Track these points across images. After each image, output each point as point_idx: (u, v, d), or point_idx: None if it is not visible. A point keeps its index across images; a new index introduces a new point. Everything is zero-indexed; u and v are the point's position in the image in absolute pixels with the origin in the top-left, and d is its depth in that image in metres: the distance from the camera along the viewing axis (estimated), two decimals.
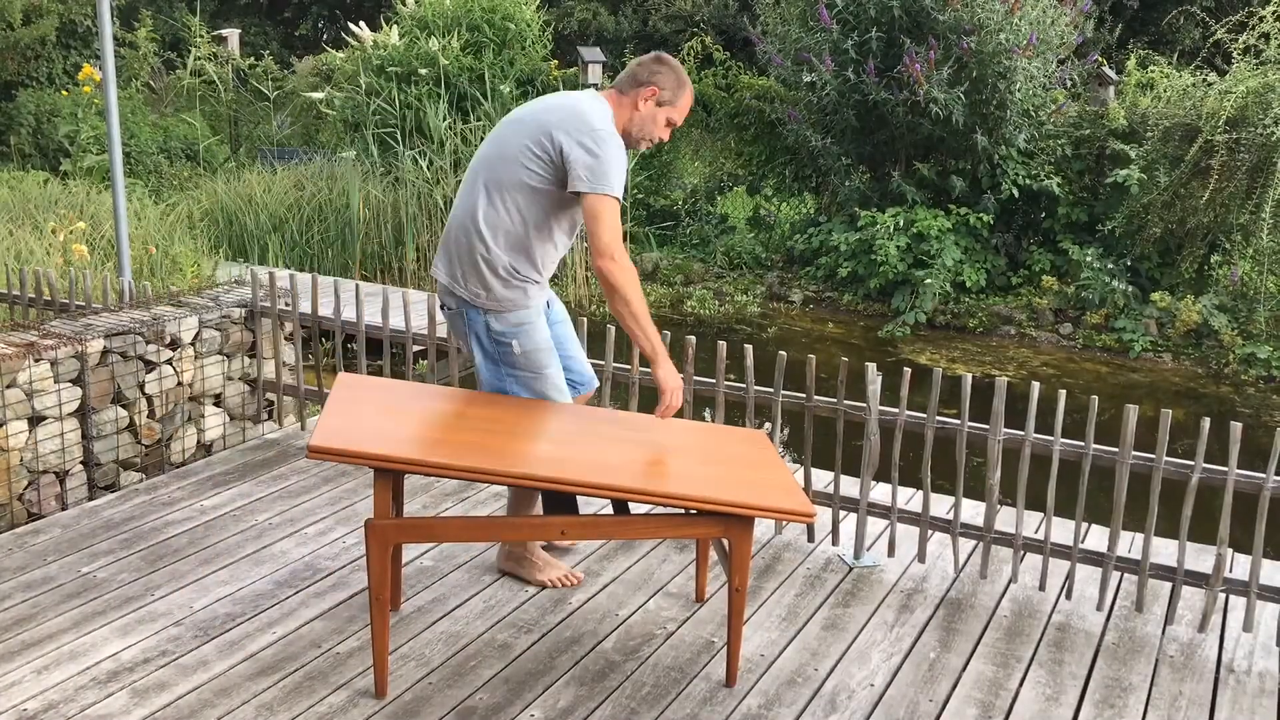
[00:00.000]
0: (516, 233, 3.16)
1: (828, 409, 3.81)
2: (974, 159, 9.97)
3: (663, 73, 3.18)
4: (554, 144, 3.08)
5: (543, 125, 3.10)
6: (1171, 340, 8.86)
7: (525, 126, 3.15)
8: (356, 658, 3.11)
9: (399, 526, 2.85)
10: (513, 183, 3.12)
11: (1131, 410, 3.34)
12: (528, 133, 3.12)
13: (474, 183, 3.22)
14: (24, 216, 8.77)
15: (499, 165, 3.16)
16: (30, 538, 3.81)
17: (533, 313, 3.23)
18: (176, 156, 12.85)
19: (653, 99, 3.17)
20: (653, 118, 3.19)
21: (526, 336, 3.22)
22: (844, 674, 3.13)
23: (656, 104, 3.18)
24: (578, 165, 3.04)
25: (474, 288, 3.19)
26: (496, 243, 3.15)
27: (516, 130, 3.17)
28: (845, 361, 3.75)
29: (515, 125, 3.19)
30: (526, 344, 3.22)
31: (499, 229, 3.15)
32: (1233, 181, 8.79)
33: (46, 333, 4.13)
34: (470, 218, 3.19)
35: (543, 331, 3.26)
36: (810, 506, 2.83)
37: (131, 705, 2.86)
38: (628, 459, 2.94)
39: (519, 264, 3.18)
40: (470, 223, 3.19)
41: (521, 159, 3.12)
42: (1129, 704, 3.04)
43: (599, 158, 3.04)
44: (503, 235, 3.15)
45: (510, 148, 3.15)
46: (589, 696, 2.97)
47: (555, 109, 3.13)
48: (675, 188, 12.67)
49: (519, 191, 3.13)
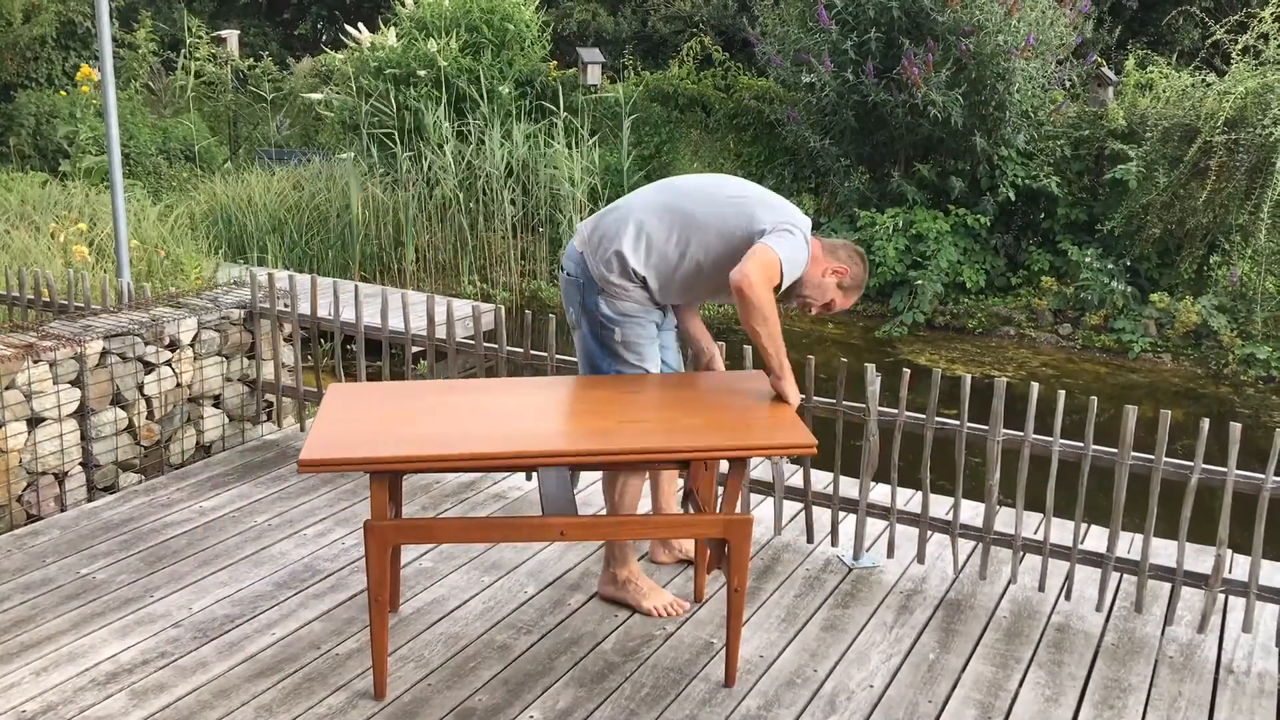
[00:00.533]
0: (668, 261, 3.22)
1: (827, 410, 3.81)
2: (973, 160, 9.97)
3: (858, 264, 3.34)
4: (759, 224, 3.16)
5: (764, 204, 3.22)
6: (1171, 341, 8.86)
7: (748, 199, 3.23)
8: (355, 659, 3.11)
9: (398, 528, 2.85)
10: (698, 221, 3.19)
11: (1131, 411, 3.34)
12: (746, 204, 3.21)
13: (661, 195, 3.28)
14: (22, 218, 8.76)
15: (698, 200, 3.23)
16: (29, 539, 3.81)
17: (642, 308, 3.28)
18: (175, 157, 12.85)
19: (838, 276, 3.32)
20: (824, 290, 3.32)
21: (631, 328, 3.28)
22: (843, 675, 3.13)
23: (838, 285, 3.33)
24: (770, 228, 3.13)
25: (601, 270, 3.23)
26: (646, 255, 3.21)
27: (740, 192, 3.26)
28: (844, 362, 3.75)
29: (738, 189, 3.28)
30: (629, 334, 3.28)
31: (655, 247, 3.21)
32: (1231, 182, 8.79)
33: (45, 334, 4.13)
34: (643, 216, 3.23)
35: (649, 328, 3.32)
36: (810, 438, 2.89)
37: (130, 707, 2.86)
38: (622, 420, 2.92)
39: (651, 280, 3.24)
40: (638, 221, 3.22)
41: (724, 210, 3.20)
42: (1128, 705, 3.04)
43: (788, 233, 3.13)
44: (655, 254, 3.21)
45: (722, 198, 3.23)
46: (588, 698, 2.97)
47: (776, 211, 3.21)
48: None
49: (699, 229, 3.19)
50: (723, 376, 3.39)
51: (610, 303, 3.25)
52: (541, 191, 10.87)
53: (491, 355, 4.38)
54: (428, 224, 10.91)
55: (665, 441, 2.80)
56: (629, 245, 3.21)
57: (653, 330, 3.33)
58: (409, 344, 4.59)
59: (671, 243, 3.20)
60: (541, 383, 3.33)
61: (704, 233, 3.19)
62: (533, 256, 10.94)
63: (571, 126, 11.40)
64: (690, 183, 3.33)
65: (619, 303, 3.25)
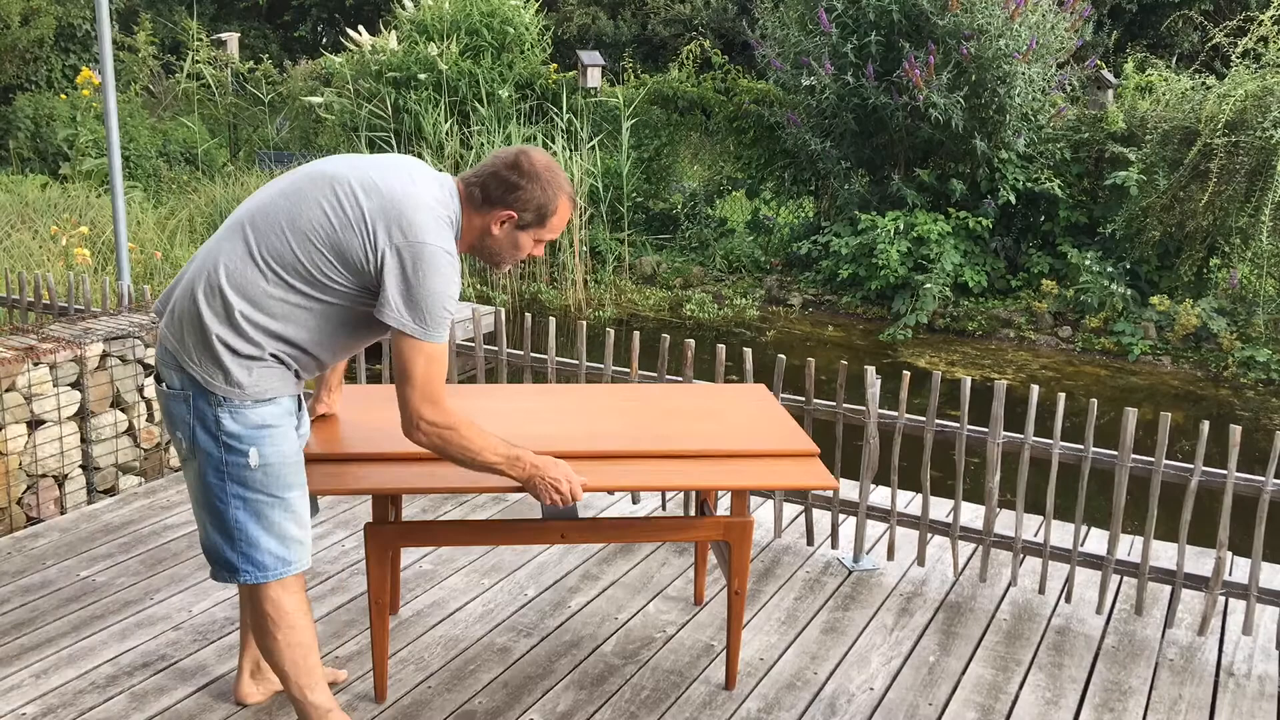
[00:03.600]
0: (277, 306, 2.33)
1: (827, 412, 3.81)
2: (973, 163, 9.98)
3: (525, 189, 2.43)
4: (374, 248, 2.31)
5: (358, 207, 2.32)
6: (1170, 343, 8.86)
7: (335, 196, 2.34)
8: (356, 661, 3.11)
9: (398, 530, 2.84)
10: (294, 265, 2.31)
11: (1131, 413, 3.34)
12: (338, 224, 2.32)
13: (234, 232, 2.37)
14: (22, 220, 8.77)
15: (283, 234, 2.32)
16: (29, 542, 3.81)
17: (281, 411, 2.40)
18: (175, 160, 12.86)
19: (510, 224, 2.46)
20: (514, 242, 2.49)
21: (268, 445, 2.37)
22: (843, 677, 3.13)
23: (516, 228, 2.47)
24: (392, 291, 2.29)
25: (208, 367, 2.32)
26: (244, 310, 2.31)
27: (322, 193, 2.35)
28: (844, 365, 3.75)
29: (321, 185, 2.36)
30: (269, 454, 2.37)
31: (252, 295, 2.31)
32: (1231, 185, 8.80)
33: (45, 336, 4.13)
34: (215, 272, 2.32)
35: (290, 438, 2.42)
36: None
37: (130, 709, 2.86)
38: (624, 426, 2.93)
39: (269, 342, 2.34)
40: (214, 279, 2.32)
41: (320, 246, 2.31)
42: (1129, 707, 3.04)
43: (425, 292, 2.30)
44: (256, 302, 2.32)
45: (307, 225, 2.32)
46: (588, 700, 2.97)
47: (378, 191, 2.34)
48: (674, 191, 12.68)
49: (300, 277, 2.32)
50: (728, 392, 3.39)
51: (235, 414, 2.33)
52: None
53: (491, 358, 4.38)
54: None
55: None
56: (222, 317, 2.31)
57: (295, 440, 2.44)
58: None
59: (267, 280, 2.31)
60: (540, 389, 3.33)
61: (313, 280, 2.32)
62: (532, 259, 10.95)
63: (571, 129, 11.41)
64: (267, 203, 2.37)
65: (247, 412, 2.34)
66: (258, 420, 2.35)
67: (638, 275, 11.11)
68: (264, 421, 2.36)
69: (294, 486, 2.43)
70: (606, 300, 10.40)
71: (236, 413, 2.33)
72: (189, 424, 2.36)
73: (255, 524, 2.40)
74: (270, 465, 2.37)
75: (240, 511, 2.39)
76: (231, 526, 2.40)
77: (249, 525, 2.40)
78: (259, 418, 2.35)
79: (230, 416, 2.33)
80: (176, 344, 2.35)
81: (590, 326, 9.52)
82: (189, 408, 2.35)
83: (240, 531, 2.39)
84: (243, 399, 2.33)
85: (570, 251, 10.53)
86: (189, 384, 2.34)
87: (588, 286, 10.64)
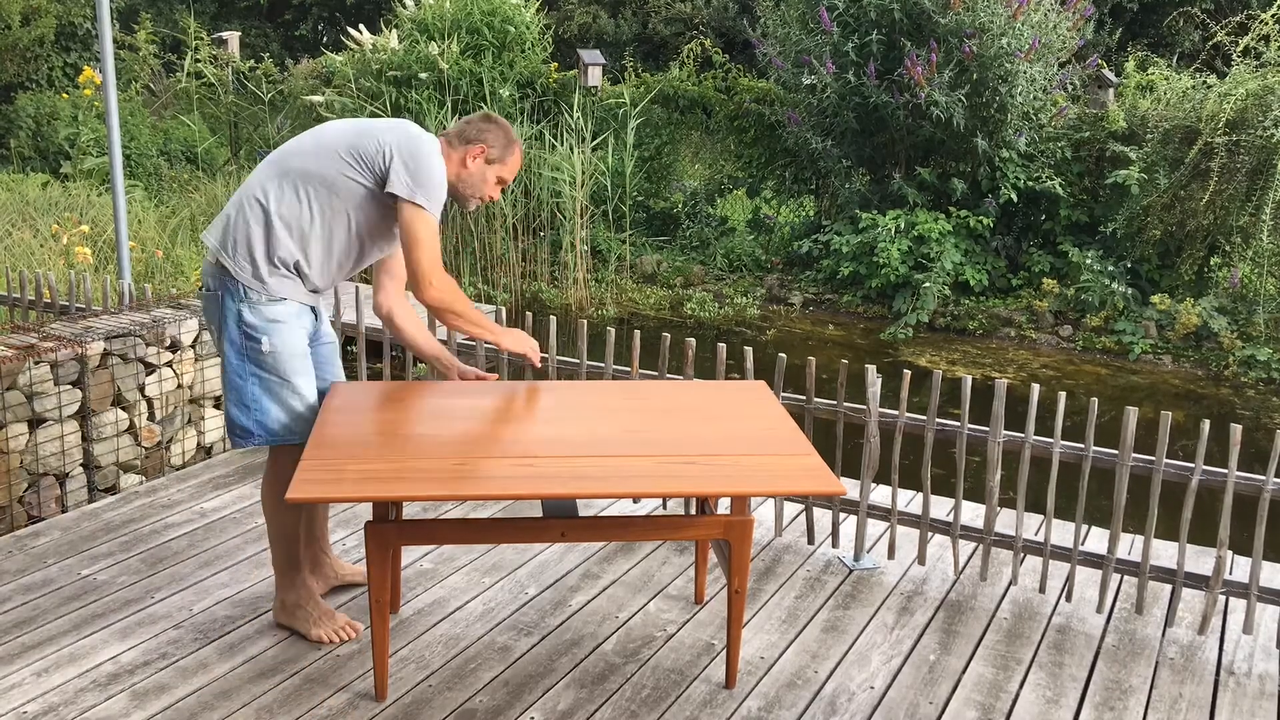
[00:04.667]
0: (303, 225, 2.98)
1: (828, 411, 3.81)
2: (974, 162, 9.98)
3: (491, 131, 3.09)
4: (381, 146, 2.96)
5: (373, 131, 3.00)
6: (1171, 342, 8.86)
7: (352, 129, 3.02)
8: (356, 660, 3.11)
9: (399, 529, 2.85)
10: (320, 175, 2.97)
11: (1131, 412, 3.34)
12: (354, 133, 3.00)
13: (269, 166, 3.03)
14: (23, 219, 8.77)
15: (309, 156, 2.99)
16: (30, 540, 3.81)
17: (290, 311, 3.02)
18: (176, 159, 12.86)
19: (481, 157, 3.09)
20: (482, 176, 3.11)
21: (279, 336, 3.00)
22: (844, 676, 3.13)
23: (486, 161, 3.10)
24: (400, 171, 2.94)
25: (241, 261, 2.96)
26: (279, 226, 2.96)
27: (341, 131, 3.03)
28: (845, 364, 3.75)
29: (340, 127, 3.05)
30: (278, 343, 3.00)
31: (285, 215, 2.97)
32: (1232, 184, 8.79)
33: (47, 335, 4.14)
34: (258, 193, 2.99)
35: (298, 337, 3.05)
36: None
37: (131, 708, 2.86)
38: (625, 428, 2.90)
39: (292, 255, 2.99)
40: (259, 198, 2.98)
41: (339, 151, 2.97)
42: (1129, 706, 3.04)
43: (423, 171, 2.95)
44: (288, 222, 2.97)
45: (329, 141, 3.00)
46: (589, 699, 2.97)
47: (389, 126, 3.02)
48: (675, 190, 12.67)
49: (323, 184, 2.97)
50: (727, 390, 3.38)
51: (254, 309, 2.97)
52: (542, 193, 10.88)
53: (492, 357, 4.38)
54: None
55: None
56: (260, 230, 2.96)
57: (303, 339, 3.08)
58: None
59: (306, 209, 2.97)
60: (540, 387, 3.33)
61: (333, 183, 2.97)
62: (533, 258, 10.95)
63: (573, 128, 11.41)
64: (295, 141, 3.07)
65: (265, 308, 2.98)
66: (271, 315, 2.98)
67: (638, 274, 11.11)
68: (275, 317, 2.99)
69: (299, 374, 3.05)
70: (607, 299, 10.40)
71: (254, 308, 2.97)
72: (220, 317, 3.01)
73: (267, 398, 3.03)
74: (279, 353, 3.00)
75: (256, 388, 3.02)
76: (249, 399, 3.03)
77: (262, 399, 3.03)
78: (272, 314, 2.99)
79: (250, 310, 2.97)
80: (218, 245, 3.00)
81: (591, 325, 9.53)
82: (219, 306, 3.00)
83: (255, 404, 3.03)
84: (259, 296, 2.97)
85: (571, 251, 10.53)
86: (221, 282, 2.98)
87: (588, 285, 10.64)
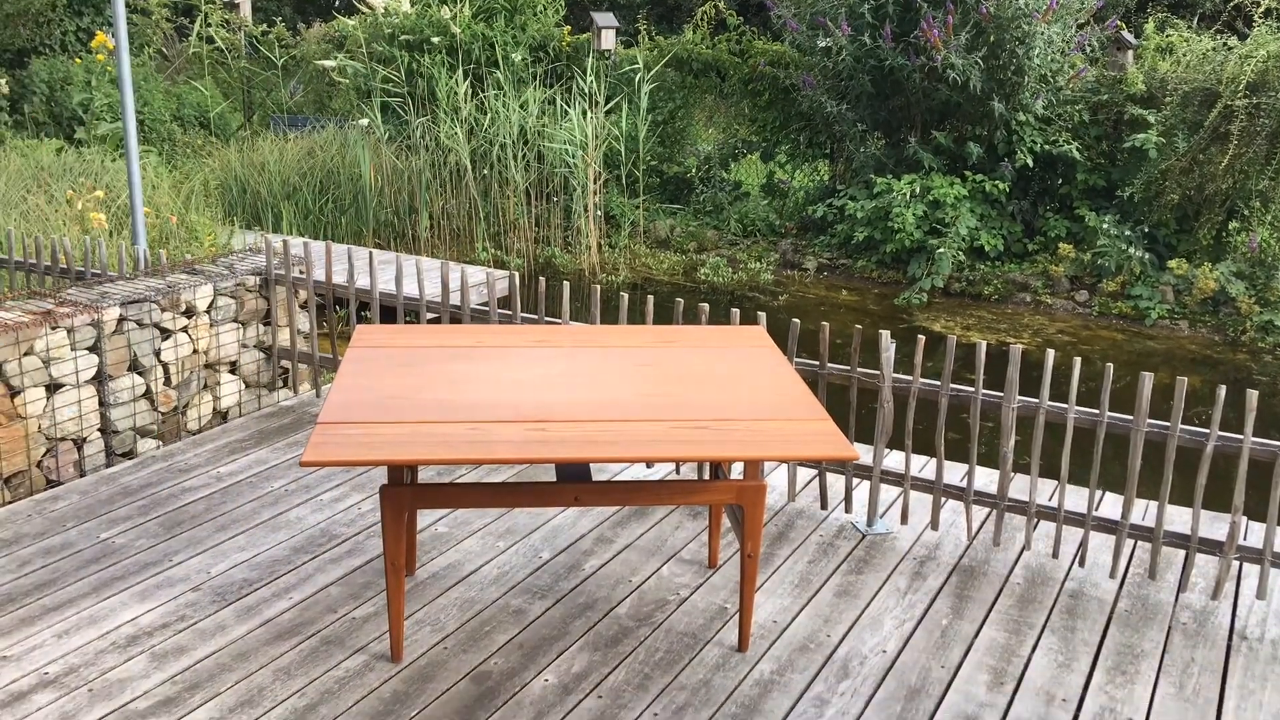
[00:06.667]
0: None
1: (841, 376, 3.80)
2: (991, 125, 9.88)
3: None
4: None
5: None
6: (1188, 308, 8.81)
7: None
8: (372, 623, 3.14)
9: (413, 493, 2.86)
10: None
11: (1147, 378, 3.32)
12: None
13: None
14: (38, 185, 8.79)
15: None
16: (49, 504, 3.85)
17: None
18: (190, 124, 12.84)
19: None
20: None
21: None
22: (856, 640, 3.15)
23: None
24: None
25: None
26: None
27: None
28: (859, 329, 3.73)
29: None
30: None
31: None
32: (1252, 147, 8.69)
33: (63, 300, 4.15)
34: None
35: None
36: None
37: (151, 669, 2.90)
38: (637, 393, 2.92)
39: None
40: None
41: None
42: (1141, 670, 3.05)
43: None
44: None
45: None
46: (603, 661, 2.99)
47: None
48: (688, 154, 12.60)
49: None
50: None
51: None
52: (555, 158, 10.83)
53: (506, 322, 4.38)
54: (441, 191, 10.90)
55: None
56: None
57: None
58: (423, 310, 4.60)
59: None
60: (554, 354, 3.33)
61: None
62: (546, 223, 10.92)
63: (586, 92, 11.34)
64: None
65: None
66: None
67: (652, 239, 11.07)
68: None
69: None
70: (621, 264, 10.38)
71: None
72: None
73: None
74: None
75: None
76: None
77: None
78: None
79: None
80: None
81: (604, 291, 9.51)
82: None
83: None
84: None
85: (585, 216, 10.50)
86: None
87: (602, 251, 10.61)
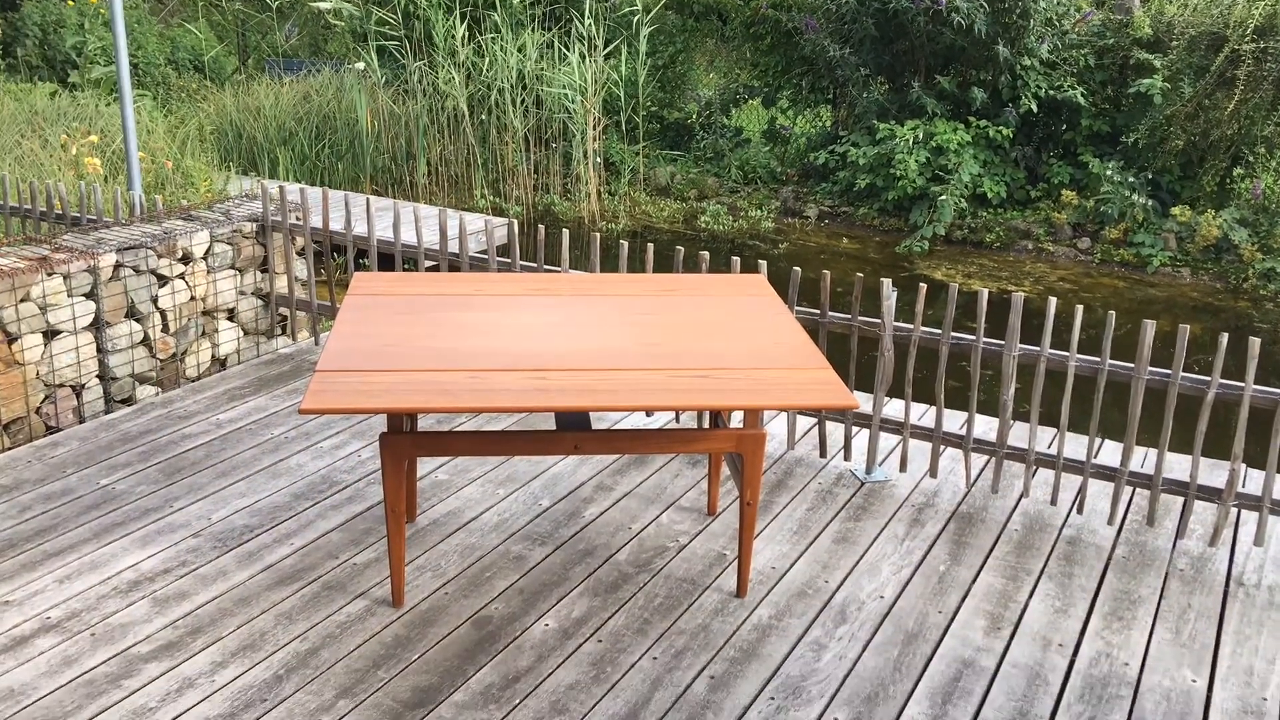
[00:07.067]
0: None
1: (842, 325, 3.79)
2: (995, 70, 9.77)
3: None
4: None
5: None
6: (1190, 255, 8.77)
7: None
8: (374, 569, 3.16)
9: (413, 440, 2.86)
10: None
11: (1149, 325, 3.31)
12: None
13: None
14: (32, 129, 8.70)
15: None
16: (49, 450, 3.85)
17: None
18: (184, 68, 12.69)
19: None
20: None
21: None
22: (854, 586, 3.16)
23: None
24: None
25: None
26: None
27: None
28: (860, 277, 3.72)
29: None
30: None
31: None
32: (1258, 92, 8.60)
33: (59, 247, 4.12)
34: None
35: None
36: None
37: (153, 614, 2.91)
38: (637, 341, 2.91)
39: None
40: None
41: None
42: (1138, 616, 3.07)
43: None
44: None
45: None
46: (602, 607, 3.01)
47: None
48: (689, 100, 12.47)
49: None
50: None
51: None
52: (554, 103, 10.72)
53: (505, 270, 4.36)
54: (439, 136, 10.79)
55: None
56: None
57: None
58: (422, 258, 4.57)
59: None
60: (553, 303, 3.31)
61: None
62: (545, 170, 10.84)
63: (585, 36, 11.19)
64: None
65: None
66: None
67: (652, 187, 11.00)
68: None
69: None
70: (621, 212, 10.32)
71: None
72: None
73: None
74: None
75: None
76: None
77: None
78: None
79: None
80: None
81: (604, 238, 9.46)
82: None
83: None
84: None
85: (584, 163, 10.41)
86: None
87: (602, 198, 10.55)
